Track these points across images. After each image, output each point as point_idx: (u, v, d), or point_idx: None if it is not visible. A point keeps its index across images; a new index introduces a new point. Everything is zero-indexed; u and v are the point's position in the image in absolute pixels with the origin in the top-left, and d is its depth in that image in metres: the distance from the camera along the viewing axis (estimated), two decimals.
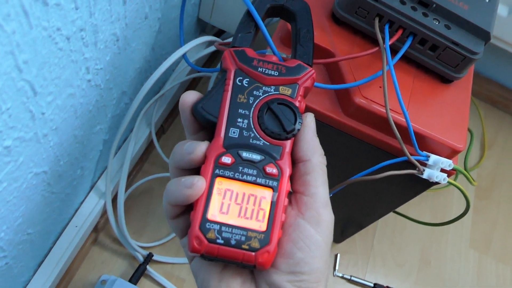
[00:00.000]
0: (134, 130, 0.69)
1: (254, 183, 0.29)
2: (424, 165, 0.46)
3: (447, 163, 0.45)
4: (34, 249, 0.58)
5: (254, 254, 0.27)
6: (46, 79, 0.40)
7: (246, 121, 0.29)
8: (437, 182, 0.46)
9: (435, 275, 0.88)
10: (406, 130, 0.44)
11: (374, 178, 0.46)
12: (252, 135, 0.29)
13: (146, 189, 0.80)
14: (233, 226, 0.28)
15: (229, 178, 0.28)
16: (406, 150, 0.44)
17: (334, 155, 0.47)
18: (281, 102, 0.30)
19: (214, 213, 0.28)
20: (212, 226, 0.27)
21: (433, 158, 0.45)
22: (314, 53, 0.33)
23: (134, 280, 0.70)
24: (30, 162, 0.44)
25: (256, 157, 0.29)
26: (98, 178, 0.69)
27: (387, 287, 0.81)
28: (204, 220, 0.28)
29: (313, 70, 0.31)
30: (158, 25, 0.63)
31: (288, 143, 0.30)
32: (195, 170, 0.29)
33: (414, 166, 0.45)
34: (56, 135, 0.47)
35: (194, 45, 0.62)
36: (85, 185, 0.65)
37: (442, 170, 0.46)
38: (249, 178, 0.29)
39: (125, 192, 0.69)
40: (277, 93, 0.30)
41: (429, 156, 0.45)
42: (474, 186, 1.00)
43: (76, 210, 0.66)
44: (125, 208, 0.68)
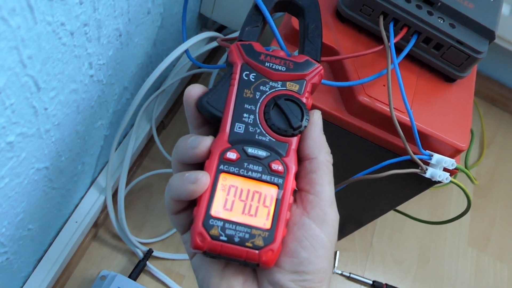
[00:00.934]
0: (135, 126, 0.69)
1: (259, 180, 0.28)
2: (427, 164, 0.46)
3: (450, 163, 0.45)
4: (34, 244, 0.57)
5: (257, 252, 0.27)
6: (50, 75, 0.40)
7: (252, 116, 0.29)
8: (439, 181, 0.46)
9: (434, 273, 0.88)
10: (409, 129, 0.44)
11: (377, 176, 0.45)
12: (258, 131, 0.29)
13: (146, 184, 0.80)
14: (237, 223, 0.27)
15: (233, 174, 0.28)
16: (409, 149, 0.44)
17: (337, 153, 0.47)
18: (288, 98, 0.29)
19: (217, 209, 0.27)
20: (215, 223, 0.27)
21: (436, 157, 0.45)
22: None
23: (133, 276, 0.70)
24: (32, 157, 0.44)
25: (261, 153, 0.28)
26: (99, 173, 0.69)
27: (386, 285, 0.82)
28: (207, 216, 0.27)
29: (321, 67, 0.31)
30: (160, 20, 0.62)
31: (294, 140, 0.29)
32: (198, 165, 0.29)
33: (417, 165, 0.45)
34: (58, 131, 0.47)
35: (197, 40, 0.61)
36: (85, 180, 0.65)
37: (445, 169, 0.46)
38: (254, 175, 0.28)
39: (125, 187, 0.69)
40: (284, 88, 0.30)
41: (432, 155, 0.45)
42: (475, 185, 1.01)
43: (76, 206, 0.66)
44: (125, 203, 0.68)
